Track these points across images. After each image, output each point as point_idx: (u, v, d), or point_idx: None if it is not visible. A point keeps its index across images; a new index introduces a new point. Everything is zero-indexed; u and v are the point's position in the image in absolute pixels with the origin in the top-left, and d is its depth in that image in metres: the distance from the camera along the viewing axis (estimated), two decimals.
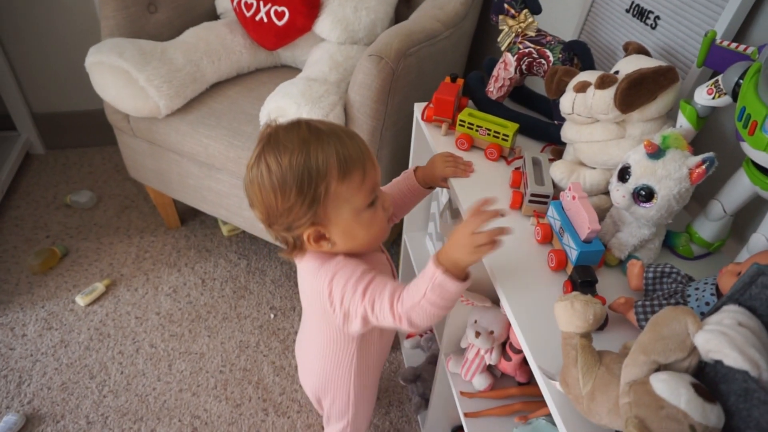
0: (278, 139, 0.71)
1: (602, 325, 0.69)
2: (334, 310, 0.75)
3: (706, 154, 0.66)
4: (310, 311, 0.92)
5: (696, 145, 0.76)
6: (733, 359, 0.44)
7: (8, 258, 1.77)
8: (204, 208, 1.64)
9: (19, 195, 2.03)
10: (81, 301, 1.62)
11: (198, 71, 1.47)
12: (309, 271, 0.78)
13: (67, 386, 1.43)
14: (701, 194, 0.84)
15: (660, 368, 0.48)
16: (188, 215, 1.97)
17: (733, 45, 0.70)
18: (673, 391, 0.45)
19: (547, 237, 0.79)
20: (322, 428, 1.36)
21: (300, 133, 0.71)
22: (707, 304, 0.62)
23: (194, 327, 1.60)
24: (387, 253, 0.95)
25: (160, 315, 1.63)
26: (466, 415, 1.01)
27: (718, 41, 0.72)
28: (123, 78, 1.35)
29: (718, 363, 0.46)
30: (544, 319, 0.69)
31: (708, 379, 0.47)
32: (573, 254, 0.72)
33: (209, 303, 1.67)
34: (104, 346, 1.53)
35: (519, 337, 0.68)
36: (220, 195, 1.54)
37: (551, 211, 0.79)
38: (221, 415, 1.39)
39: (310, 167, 0.68)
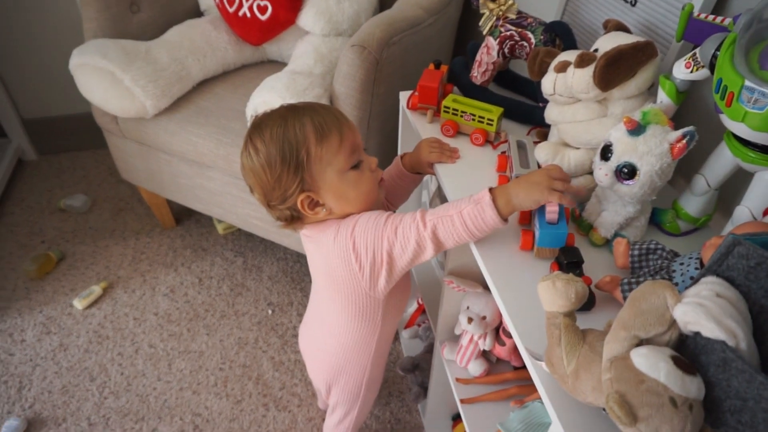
0: (260, 123, 0.78)
1: (589, 305, 0.69)
2: (360, 265, 0.78)
3: (686, 129, 0.65)
4: (329, 286, 0.89)
5: (678, 120, 0.76)
6: (710, 330, 0.44)
7: (4, 264, 1.77)
8: (198, 207, 1.64)
9: (12, 201, 2.03)
10: (78, 304, 1.63)
11: (183, 70, 1.46)
12: (329, 238, 0.81)
13: (68, 389, 1.43)
14: (687, 169, 0.83)
15: (641, 343, 0.48)
16: (183, 215, 1.97)
17: (711, 17, 0.69)
18: (653, 364, 0.45)
19: (525, 219, 0.80)
20: (323, 421, 1.37)
21: (279, 112, 0.78)
22: (692, 278, 0.62)
23: (193, 326, 1.60)
24: None
25: (158, 315, 1.63)
26: (462, 401, 1.01)
27: (695, 14, 0.71)
28: (108, 79, 1.35)
29: (697, 335, 0.46)
30: (531, 301, 0.69)
31: (688, 351, 0.47)
32: (537, 234, 0.73)
33: (207, 301, 1.67)
34: (103, 348, 1.53)
35: (506, 320, 0.68)
36: (213, 193, 1.54)
37: None
38: (222, 412, 1.39)
39: (289, 136, 0.75)
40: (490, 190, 0.72)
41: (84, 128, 2.10)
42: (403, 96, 1.10)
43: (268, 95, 1.20)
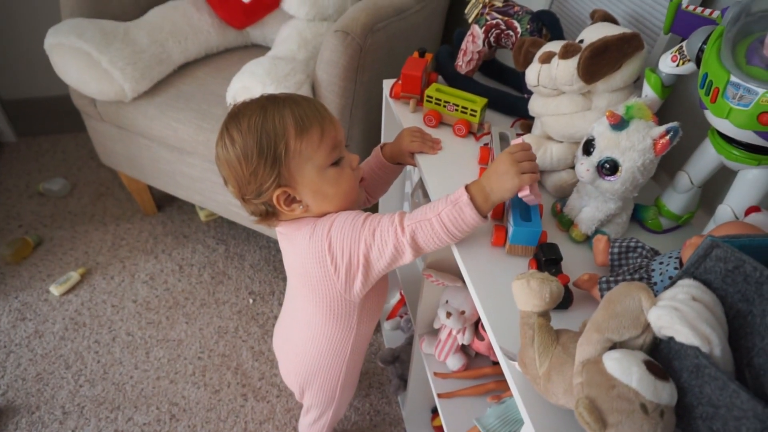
0: (238, 112, 0.74)
1: (567, 304, 0.67)
2: (335, 267, 0.75)
3: (670, 124, 0.64)
4: (304, 287, 0.86)
5: (663, 115, 0.74)
6: (684, 335, 0.42)
7: None
8: (178, 193, 1.61)
9: None
10: (55, 290, 1.59)
11: (164, 52, 1.42)
12: (304, 237, 0.77)
13: (42, 377, 1.41)
14: (671, 166, 0.82)
15: (615, 346, 0.47)
16: (165, 201, 1.94)
17: (699, 9, 0.67)
18: (625, 369, 0.43)
19: (498, 214, 0.78)
20: None
21: (258, 102, 0.74)
22: (671, 278, 0.61)
23: (172, 314, 1.58)
24: None
25: (137, 303, 1.60)
26: (439, 395, 1.00)
27: (684, 6, 0.69)
28: (84, 60, 1.31)
29: (671, 339, 0.44)
30: (507, 298, 0.66)
31: (662, 356, 0.46)
32: (510, 231, 0.71)
33: (187, 289, 1.65)
34: (80, 336, 1.51)
35: (482, 318, 0.66)
36: (193, 179, 1.50)
37: None
38: (200, 402, 1.38)
39: (268, 128, 0.71)
40: (467, 188, 0.70)
41: (64, 111, 2.04)
42: (387, 84, 1.08)
43: (248, 80, 1.17)
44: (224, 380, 1.43)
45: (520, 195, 0.69)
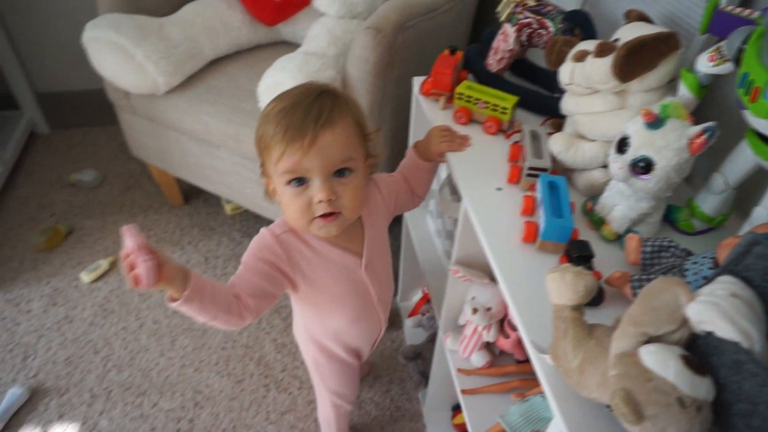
0: (281, 93, 0.75)
1: (598, 301, 0.68)
2: None
3: (707, 124, 0.63)
4: None
5: (698, 115, 0.74)
6: (724, 330, 0.42)
7: (14, 236, 1.78)
8: (206, 186, 1.64)
9: (23, 174, 2.03)
10: (85, 277, 1.64)
11: (196, 47, 1.45)
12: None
13: (72, 360, 1.45)
14: (705, 167, 0.81)
15: (651, 341, 0.47)
16: (192, 194, 1.97)
17: (738, 9, 0.67)
18: (662, 362, 0.44)
19: (528, 210, 0.78)
20: None
21: (296, 90, 0.74)
22: (705, 278, 0.61)
23: None
24: (368, 264, 0.86)
25: (163, 292, 1.61)
26: (463, 392, 1.01)
27: (722, 6, 0.69)
28: (120, 54, 1.34)
29: (710, 335, 0.45)
30: (537, 293, 0.67)
31: (699, 351, 0.46)
32: (541, 227, 0.71)
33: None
34: (108, 322, 1.54)
35: (512, 311, 0.67)
36: (221, 173, 1.53)
37: (537, 184, 0.78)
38: (223, 390, 1.40)
39: (268, 119, 0.72)
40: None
41: (97, 104, 2.09)
42: (417, 81, 1.09)
43: (279, 75, 1.19)
44: (247, 370, 1.45)
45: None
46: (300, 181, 0.71)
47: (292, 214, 0.74)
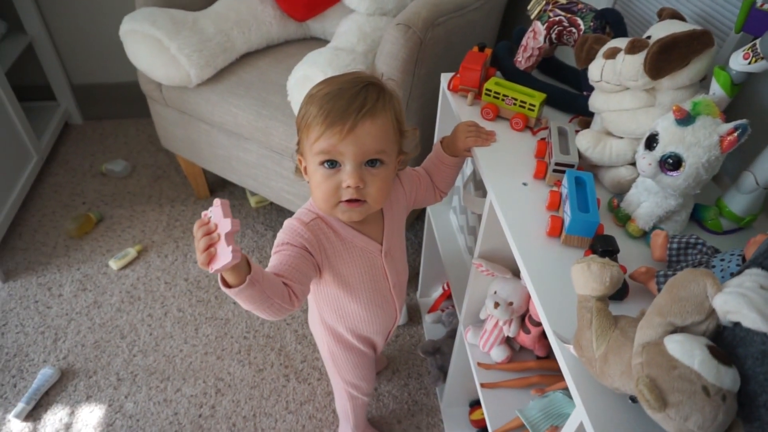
0: (327, 78, 0.78)
1: (622, 295, 0.68)
2: None
3: (739, 122, 0.63)
4: None
5: (730, 114, 0.73)
6: (751, 320, 0.42)
7: (47, 222, 1.84)
8: (232, 178, 1.67)
9: (57, 163, 2.10)
10: (114, 264, 1.68)
11: (228, 41, 1.48)
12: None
13: (100, 344, 1.49)
14: (733, 166, 0.81)
15: (676, 331, 0.48)
16: (217, 186, 2.01)
17: None
18: (687, 351, 0.44)
19: (554, 205, 0.78)
20: None
21: (343, 78, 0.76)
22: (732, 275, 0.60)
23: (220, 294, 1.64)
24: (388, 251, 0.89)
25: (188, 281, 1.67)
26: (482, 385, 1.01)
27: (758, 4, 0.68)
28: (155, 46, 1.38)
29: (737, 325, 0.45)
30: (562, 287, 0.68)
31: (725, 342, 0.46)
32: (567, 221, 0.71)
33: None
34: (135, 309, 1.58)
35: (536, 303, 0.68)
36: (248, 165, 1.56)
37: (564, 180, 0.78)
38: (244, 379, 1.43)
39: (308, 100, 0.75)
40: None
41: (129, 97, 2.15)
42: (445, 77, 1.10)
43: (309, 69, 1.21)
44: (268, 360, 1.47)
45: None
46: (332, 163, 0.74)
47: (321, 194, 0.76)
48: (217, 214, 0.59)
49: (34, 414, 1.34)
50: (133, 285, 1.65)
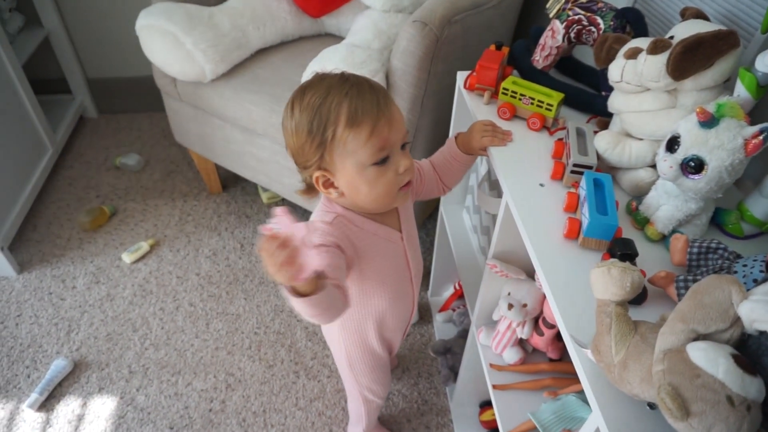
0: (311, 84, 0.75)
1: (641, 299, 0.67)
2: None
3: (765, 124, 0.62)
4: None
5: (755, 117, 0.72)
6: None
7: (61, 215, 1.86)
8: (245, 174, 1.67)
9: (72, 156, 2.12)
10: (127, 258, 1.69)
11: (243, 37, 1.48)
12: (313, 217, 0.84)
13: (112, 337, 1.50)
14: (756, 170, 0.79)
15: (699, 338, 0.47)
16: (230, 181, 2.01)
17: None
18: (711, 360, 0.43)
19: (572, 207, 0.77)
20: None
21: (328, 81, 0.74)
22: (755, 281, 0.59)
23: (232, 289, 1.64)
24: (407, 238, 0.90)
25: (200, 276, 1.68)
26: (494, 387, 1.01)
27: None
28: (171, 41, 1.38)
29: (762, 334, 0.44)
30: (578, 290, 0.67)
31: (750, 351, 0.45)
32: (585, 223, 0.70)
33: (247, 267, 1.71)
34: (147, 302, 1.59)
35: (552, 305, 0.67)
36: (261, 161, 1.56)
37: (582, 181, 0.77)
38: (254, 374, 1.43)
39: (323, 111, 0.71)
40: None
41: (143, 91, 2.16)
42: (461, 76, 1.09)
43: (325, 66, 1.21)
44: (278, 356, 1.48)
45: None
46: (386, 159, 0.74)
47: (380, 191, 0.76)
48: (284, 223, 0.57)
49: (47, 404, 1.35)
50: (146, 279, 1.66)
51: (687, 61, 0.69)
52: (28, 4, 1.98)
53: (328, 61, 1.21)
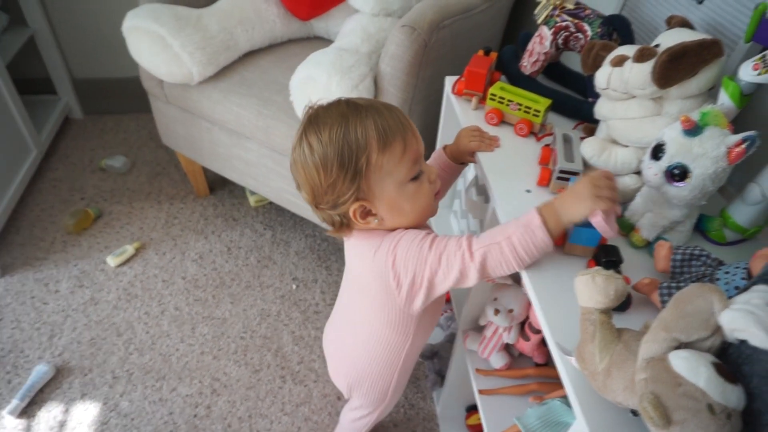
0: (318, 117, 0.72)
1: (625, 306, 0.67)
2: (398, 283, 0.75)
3: (747, 133, 0.62)
4: (363, 294, 0.88)
5: (738, 125, 0.72)
6: (759, 339, 0.42)
7: (45, 217, 1.83)
8: (232, 177, 1.66)
9: (57, 157, 2.09)
10: (111, 261, 1.67)
11: (231, 39, 1.48)
12: (369, 250, 0.77)
13: (96, 342, 1.48)
14: (739, 177, 0.80)
15: (681, 346, 0.47)
16: (217, 184, 2.00)
17: None
18: (693, 368, 0.43)
19: None
20: (338, 399, 1.38)
21: (339, 109, 0.72)
22: (737, 288, 0.60)
23: (218, 293, 1.63)
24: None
25: (186, 279, 1.66)
26: (480, 392, 1.01)
27: None
28: (158, 43, 1.37)
29: (743, 343, 0.44)
30: (563, 296, 0.67)
31: (731, 360, 0.46)
32: (570, 230, 0.71)
33: (233, 271, 1.70)
34: (131, 306, 1.58)
35: (537, 312, 0.67)
36: (249, 164, 1.55)
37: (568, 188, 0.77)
38: (240, 379, 1.42)
39: (350, 140, 0.69)
40: (539, 210, 0.68)
41: (130, 92, 2.14)
42: (449, 81, 1.09)
43: (313, 70, 1.20)
44: (264, 361, 1.46)
45: (591, 220, 0.66)
46: (421, 172, 0.75)
47: (422, 204, 0.76)
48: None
49: (28, 411, 1.33)
50: (131, 282, 1.64)
51: (672, 69, 0.69)
52: (13, 3, 1.95)
53: (317, 65, 1.20)
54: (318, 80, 1.19)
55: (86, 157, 2.10)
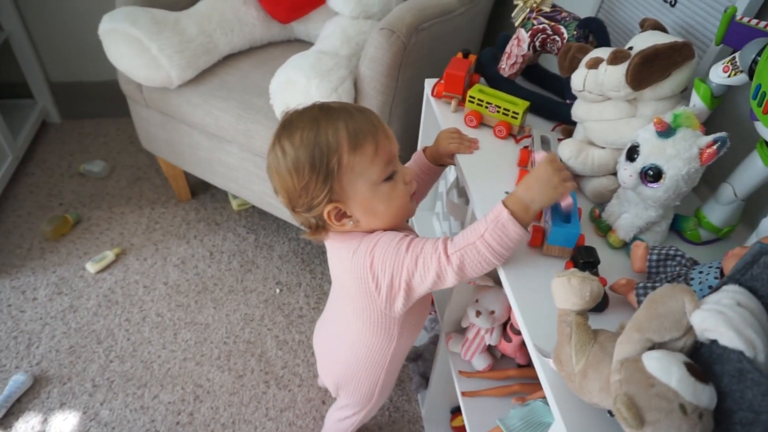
0: (291, 122, 0.73)
1: (602, 307, 0.68)
2: (377, 285, 0.75)
3: (718, 134, 0.63)
4: (345, 296, 0.89)
5: (709, 126, 0.74)
6: (728, 338, 0.42)
7: (22, 224, 1.80)
8: (214, 181, 1.65)
9: (34, 162, 2.05)
10: (91, 268, 1.65)
11: (211, 42, 1.46)
12: (347, 252, 0.77)
13: (75, 350, 1.46)
14: (712, 178, 0.81)
15: (654, 347, 0.47)
16: (199, 188, 1.98)
17: (754, 21, 0.67)
18: (665, 369, 0.44)
19: (536, 215, 0.78)
20: (323, 403, 1.38)
21: (312, 113, 0.73)
22: (710, 287, 0.61)
23: (200, 298, 1.61)
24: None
25: (168, 285, 1.64)
26: (463, 394, 1.01)
27: (738, 17, 0.69)
28: (135, 47, 1.35)
29: (714, 343, 0.45)
30: (542, 298, 0.68)
31: (702, 359, 0.46)
32: (548, 231, 0.72)
33: (216, 275, 1.69)
34: (112, 313, 1.55)
35: (516, 314, 0.67)
36: (230, 168, 1.54)
37: None
38: (223, 385, 1.41)
39: (321, 142, 0.70)
40: (504, 203, 0.69)
41: (109, 95, 2.11)
42: (429, 83, 1.09)
43: (292, 73, 1.20)
44: (248, 366, 1.45)
45: (562, 203, 0.70)
46: (394, 172, 0.75)
47: (397, 204, 0.76)
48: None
49: (4, 422, 1.30)
50: (111, 289, 1.62)
51: (644, 71, 0.70)
52: None
53: (297, 68, 1.20)
54: (297, 83, 1.18)
55: (64, 162, 2.07)
